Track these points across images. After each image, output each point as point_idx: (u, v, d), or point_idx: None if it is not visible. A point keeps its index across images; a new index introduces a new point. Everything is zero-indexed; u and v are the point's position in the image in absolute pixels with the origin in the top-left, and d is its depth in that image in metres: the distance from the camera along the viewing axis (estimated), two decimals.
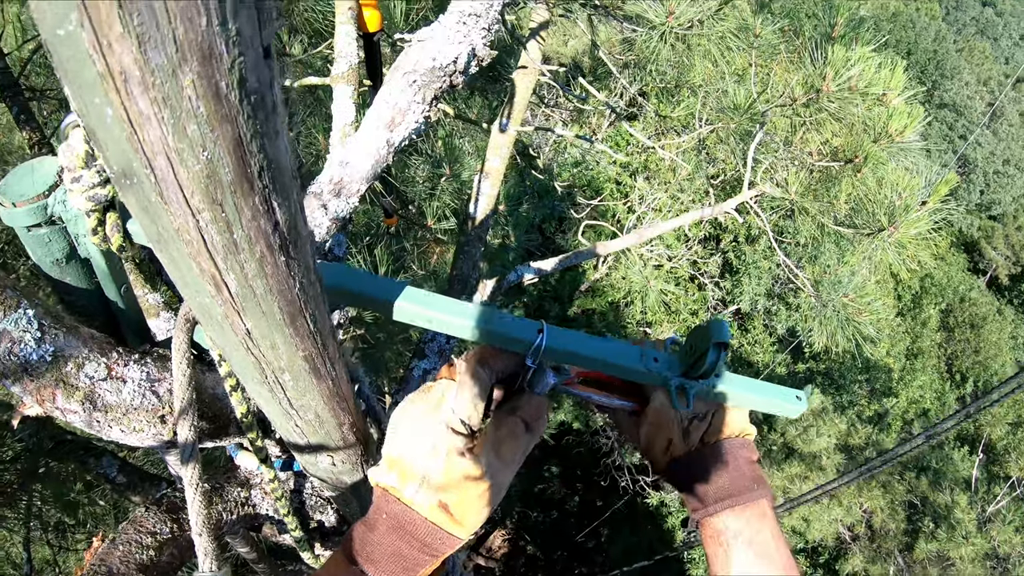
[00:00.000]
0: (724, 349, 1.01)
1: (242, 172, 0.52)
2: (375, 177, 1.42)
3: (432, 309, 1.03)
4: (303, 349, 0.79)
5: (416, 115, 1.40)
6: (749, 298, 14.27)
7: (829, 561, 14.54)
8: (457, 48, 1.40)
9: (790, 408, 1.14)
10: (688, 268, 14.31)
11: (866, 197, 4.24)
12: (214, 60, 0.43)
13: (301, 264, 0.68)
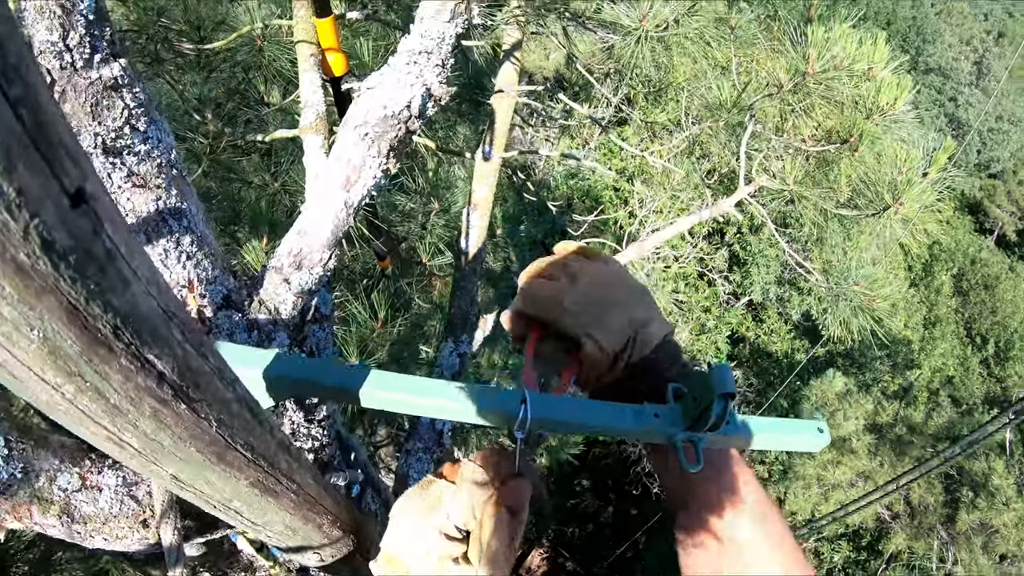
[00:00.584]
0: (730, 399, 0.93)
1: (90, 338, 0.43)
2: (337, 243, 1.33)
3: (401, 392, 0.97)
4: (246, 477, 0.69)
5: (373, 170, 1.30)
6: (760, 288, 14.14)
7: (872, 543, 14.34)
8: (409, 92, 1.30)
9: (813, 442, 1.06)
10: (695, 265, 14.21)
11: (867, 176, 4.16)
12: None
13: (212, 402, 0.58)
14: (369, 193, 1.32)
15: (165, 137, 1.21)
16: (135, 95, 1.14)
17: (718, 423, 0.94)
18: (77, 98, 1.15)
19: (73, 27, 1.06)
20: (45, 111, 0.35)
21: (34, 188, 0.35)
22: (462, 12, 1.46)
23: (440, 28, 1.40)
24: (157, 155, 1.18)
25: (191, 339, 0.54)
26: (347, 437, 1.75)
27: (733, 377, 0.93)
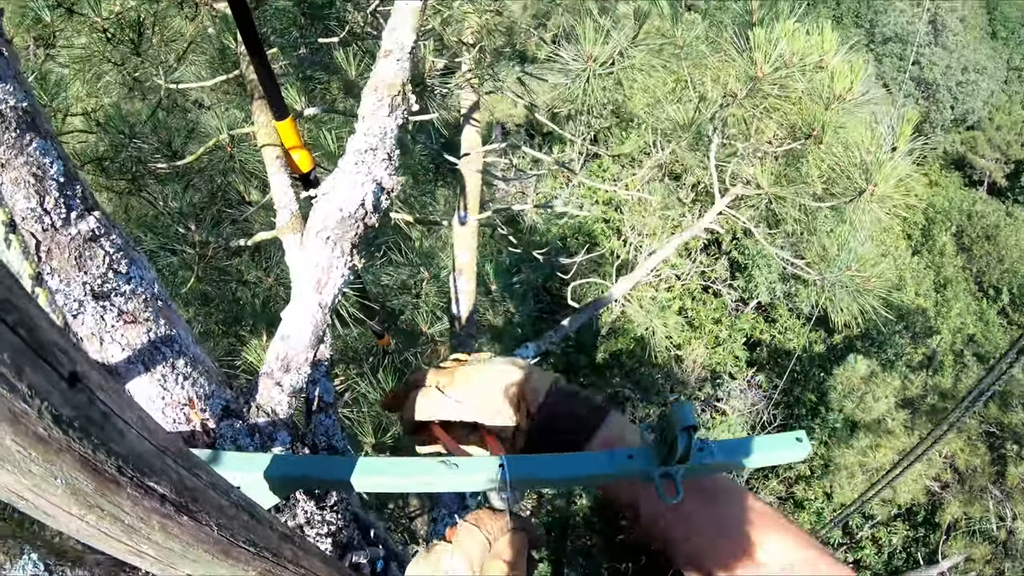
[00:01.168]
0: (693, 431, 1.01)
1: (101, 479, 0.56)
2: (319, 341, 1.42)
3: (387, 475, 1.06)
4: (254, 569, 0.80)
5: (340, 270, 1.40)
6: (765, 289, 14.20)
7: (927, 518, 14.20)
8: (361, 191, 1.41)
9: (793, 453, 1.12)
10: (698, 280, 14.30)
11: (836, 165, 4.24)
12: (22, 419, 0.48)
13: (210, 510, 0.69)
14: (340, 291, 1.42)
15: (146, 273, 1.32)
16: (112, 241, 1.26)
17: (686, 455, 1.02)
18: (62, 254, 1.26)
19: (47, 191, 1.18)
20: (37, 324, 0.48)
21: (40, 382, 0.48)
22: (400, 104, 1.57)
23: (381, 123, 1.52)
24: (141, 291, 1.29)
25: (183, 464, 0.65)
26: (364, 517, 1.83)
27: (693, 411, 1.00)
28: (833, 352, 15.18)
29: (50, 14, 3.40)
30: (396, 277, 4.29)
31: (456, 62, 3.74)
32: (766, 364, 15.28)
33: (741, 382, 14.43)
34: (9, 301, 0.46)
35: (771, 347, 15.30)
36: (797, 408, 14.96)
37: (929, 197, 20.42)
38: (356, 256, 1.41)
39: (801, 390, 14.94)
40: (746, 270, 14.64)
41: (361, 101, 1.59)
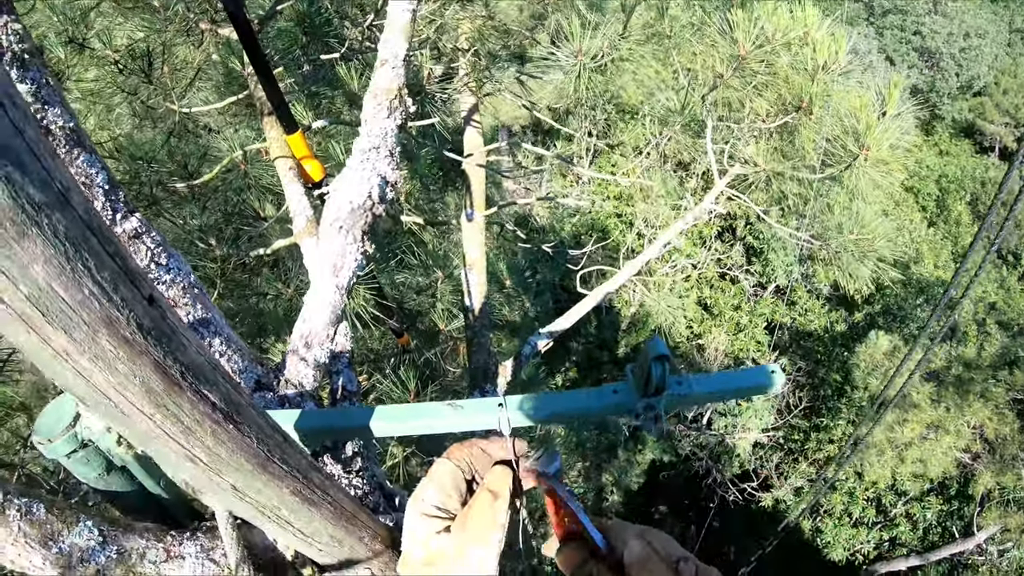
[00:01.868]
0: (665, 361, 1.10)
1: (168, 381, 0.72)
2: (338, 320, 1.59)
3: (400, 418, 1.19)
4: (287, 486, 0.95)
5: (354, 254, 1.57)
6: (783, 271, 14.21)
7: (960, 490, 14.11)
8: (368, 184, 1.58)
9: (767, 383, 1.22)
10: (714, 268, 14.35)
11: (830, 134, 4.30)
12: (115, 323, 0.65)
13: (251, 424, 0.85)
14: (355, 274, 1.59)
15: (183, 265, 1.50)
16: (153, 238, 1.44)
17: (662, 384, 1.13)
18: None
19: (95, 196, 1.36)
20: (127, 257, 0.66)
21: (129, 297, 0.65)
22: (398, 106, 1.75)
23: (381, 124, 1.69)
24: (180, 280, 1.47)
25: (230, 383, 0.82)
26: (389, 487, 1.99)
27: (664, 343, 1.11)
28: (855, 330, 15.15)
29: (63, 50, 3.57)
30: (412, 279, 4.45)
31: (453, 67, 3.90)
32: (788, 347, 15.29)
33: None
34: (109, 238, 0.62)
35: (792, 330, 15.29)
36: (823, 389, 14.95)
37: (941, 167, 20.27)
38: (367, 242, 1.58)
39: (825, 371, 14.92)
40: (762, 254, 14.67)
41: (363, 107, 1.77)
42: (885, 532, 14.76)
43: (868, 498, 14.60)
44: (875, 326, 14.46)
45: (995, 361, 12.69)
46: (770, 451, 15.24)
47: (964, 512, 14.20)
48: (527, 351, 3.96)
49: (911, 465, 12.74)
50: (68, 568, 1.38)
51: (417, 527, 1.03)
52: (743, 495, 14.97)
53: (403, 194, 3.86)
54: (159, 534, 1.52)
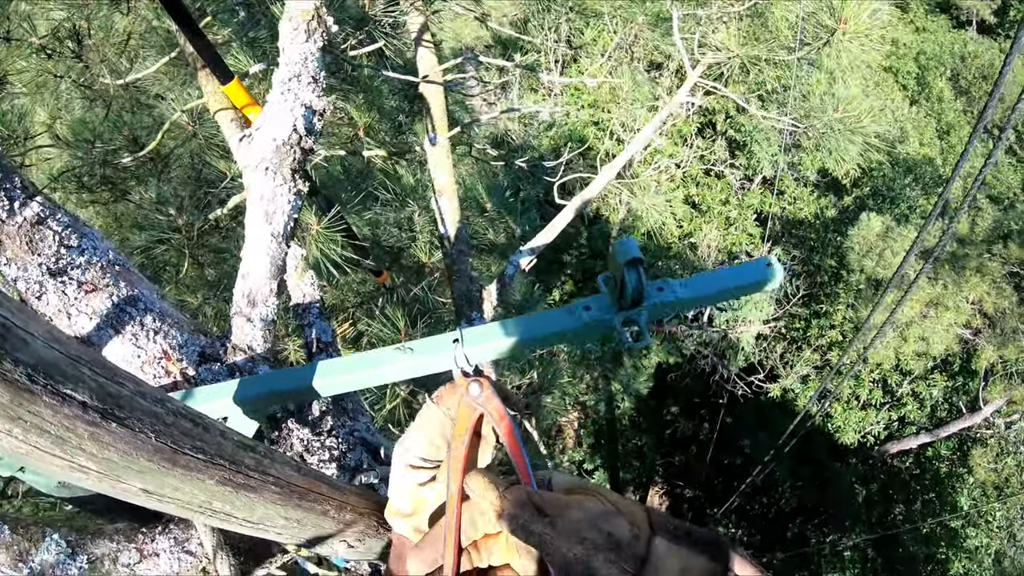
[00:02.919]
0: (639, 266, 0.96)
1: (14, 387, 0.60)
2: (281, 270, 1.46)
3: (347, 372, 1.07)
4: (210, 476, 0.83)
5: (286, 196, 1.43)
6: (768, 162, 14.01)
7: (963, 366, 14.26)
8: (291, 116, 1.43)
9: (765, 277, 1.06)
10: (698, 165, 14.15)
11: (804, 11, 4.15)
12: None
13: (143, 417, 0.71)
14: (291, 217, 1.45)
15: (100, 243, 1.36)
16: (59, 220, 1.30)
17: (638, 293, 0.97)
18: (13, 242, 1.31)
19: None
20: None
21: None
22: (316, 28, 1.57)
23: (300, 50, 1.52)
24: (96, 260, 1.34)
25: (102, 373, 0.68)
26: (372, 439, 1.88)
27: (635, 243, 0.96)
28: (846, 214, 15.04)
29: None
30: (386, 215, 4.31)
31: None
32: (781, 237, 15.20)
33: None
34: None
35: (783, 219, 15.17)
36: (819, 275, 14.93)
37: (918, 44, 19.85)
38: (299, 181, 1.43)
39: (820, 257, 14.87)
40: (745, 147, 14.42)
41: (280, 34, 1.59)
42: (893, 412, 14.95)
43: (874, 380, 14.74)
44: (866, 208, 14.35)
45: (988, 235, 12.64)
46: (773, 342, 15.31)
47: (969, 387, 14.38)
48: (510, 271, 3.84)
49: (914, 344, 12.80)
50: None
51: (402, 478, 0.97)
52: (751, 388, 15.11)
53: (361, 129, 3.67)
54: (130, 534, 1.43)
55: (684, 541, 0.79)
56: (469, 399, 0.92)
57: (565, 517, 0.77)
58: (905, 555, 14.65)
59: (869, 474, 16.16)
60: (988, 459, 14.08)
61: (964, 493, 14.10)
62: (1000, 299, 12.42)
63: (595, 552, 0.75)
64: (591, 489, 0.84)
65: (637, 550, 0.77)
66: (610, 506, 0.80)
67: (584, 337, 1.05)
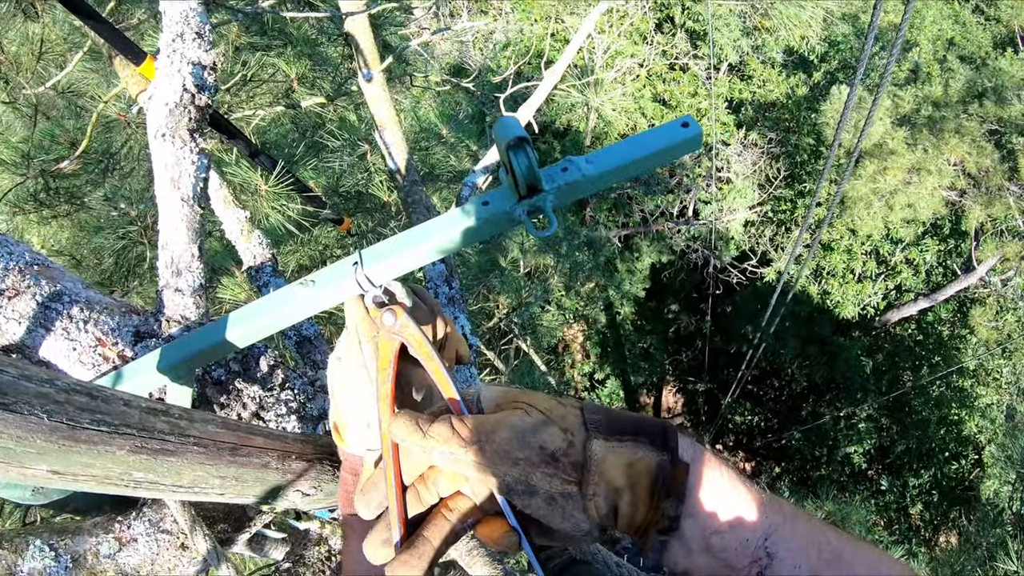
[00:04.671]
0: (524, 145, 0.88)
1: None
2: (201, 232, 1.45)
3: (261, 316, 1.05)
4: (119, 447, 0.83)
5: (188, 158, 1.41)
6: (732, 48, 13.78)
7: (953, 228, 14.32)
8: (179, 77, 1.40)
9: (684, 138, 0.96)
10: (661, 61, 13.92)
11: None
12: None
13: (30, 400, 0.72)
14: (199, 179, 1.44)
15: (14, 248, 1.35)
16: None
17: (531, 176, 0.90)
18: None
19: None
20: None
21: None
22: None
23: (179, 7, 1.48)
24: (13, 264, 1.33)
25: None
26: None
27: (516, 122, 0.88)
28: (817, 91, 14.86)
29: None
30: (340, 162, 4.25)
31: None
32: (755, 121, 15.07)
33: (736, 146, 14.26)
34: None
35: (755, 103, 15.01)
36: (798, 155, 14.85)
37: None
38: (199, 139, 1.41)
39: (797, 136, 14.77)
40: (706, 36, 14.17)
41: None
42: (889, 281, 15.08)
43: (866, 252, 14.82)
44: (836, 82, 14.16)
45: (963, 96, 12.48)
46: (761, 227, 15.34)
47: (961, 249, 14.47)
48: (465, 193, 3.79)
49: (901, 212, 12.79)
50: None
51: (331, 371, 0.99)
52: (745, 275, 15.20)
53: (294, 80, 3.60)
54: (107, 525, 1.46)
55: (623, 435, 0.78)
56: (385, 331, 0.89)
57: (493, 440, 0.75)
58: (918, 419, 14.94)
59: (873, 345, 16.38)
60: (988, 317, 14.22)
61: (969, 353, 14.31)
62: (981, 158, 12.33)
63: (531, 469, 0.75)
64: (519, 400, 0.81)
65: (574, 457, 0.76)
66: (539, 416, 0.78)
67: (490, 233, 0.98)
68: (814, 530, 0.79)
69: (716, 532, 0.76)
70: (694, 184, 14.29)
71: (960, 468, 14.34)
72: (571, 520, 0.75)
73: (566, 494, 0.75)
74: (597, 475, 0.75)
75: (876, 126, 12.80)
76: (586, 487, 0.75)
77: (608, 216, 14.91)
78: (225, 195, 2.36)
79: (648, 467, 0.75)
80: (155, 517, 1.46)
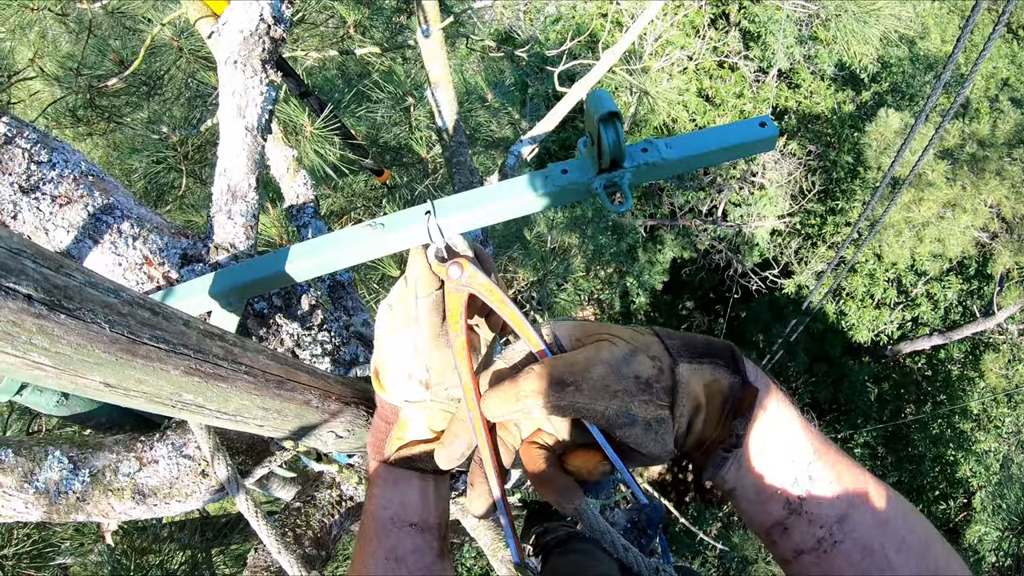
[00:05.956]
0: (615, 120, 0.89)
1: None
2: (259, 164, 1.44)
3: (318, 254, 1.04)
4: (175, 366, 0.83)
5: (258, 88, 1.40)
6: (784, 54, 13.60)
7: (979, 270, 14.17)
8: (257, 7, 1.38)
9: (760, 137, 0.99)
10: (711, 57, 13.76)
11: None
12: None
13: (95, 308, 0.71)
14: (265, 109, 1.43)
15: (71, 156, 1.35)
16: (27, 137, 1.29)
17: (617, 151, 0.91)
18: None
19: None
20: None
21: None
22: None
23: None
24: (68, 172, 1.33)
25: (46, 264, 0.68)
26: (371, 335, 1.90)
27: (609, 96, 0.89)
28: (863, 110, 14.66)
29: None
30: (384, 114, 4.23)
31: None
32: (797, 131, 14.89)
33: (774, 153, 14.12)
34: None
35: (799, 113, 14.82)
36: (835, 171, 14.69)
37: None
38: (269, 71, 1.40)
39: (836, 153, 14.60)
40: (760, 38, 13.97)
41: None
42: (907, 312, 14.96)
43: (889, 279, 14.70)
44: (884, 104, 13.95)
45: (1010, 139, 12.29)
46: (788, 238, 15.23)
47: (984, 292, 14.33)
48: (511, 161, 3.77)
49: (929, 244, 12.66)
50: (50, 504, 1.35)
51: (380, 317, 0.98)
52: (765, 283, 15.12)
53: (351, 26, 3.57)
54: (129, 444, 1.48)
55: (702, 358, 0.82)
56: (452, 284, 0.89)
57: (589, 378, 0.77)
58: (914, 454, 14.89)
59: (881, 373, 16.31)
60: (1000, 364, 14.16)
61: (974, 397, 14.22)
62: (1019, 204, 12.16)
63: (630, 400, 0.77)
64: (600, 334, 0.83)
65: (665, 383, 0.79)
66: (626, 346, 0.80)
67: (563, 201, 0.99)
68: (853, 467, 0.85)
69: (769, 452, 0.81)
70: (727, 185, 14.18)
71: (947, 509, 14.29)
72: (662, 442, 0.78)
73: (660, 419, 0.78)
74: (685, 396, 0.78)
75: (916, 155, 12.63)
76: (676, 408, 0.78)
77: (637, 204, 14.84)
78: (276, 132, 2.35)
79: (722, 388, 0.80)
80: (179, 441, 1.48)
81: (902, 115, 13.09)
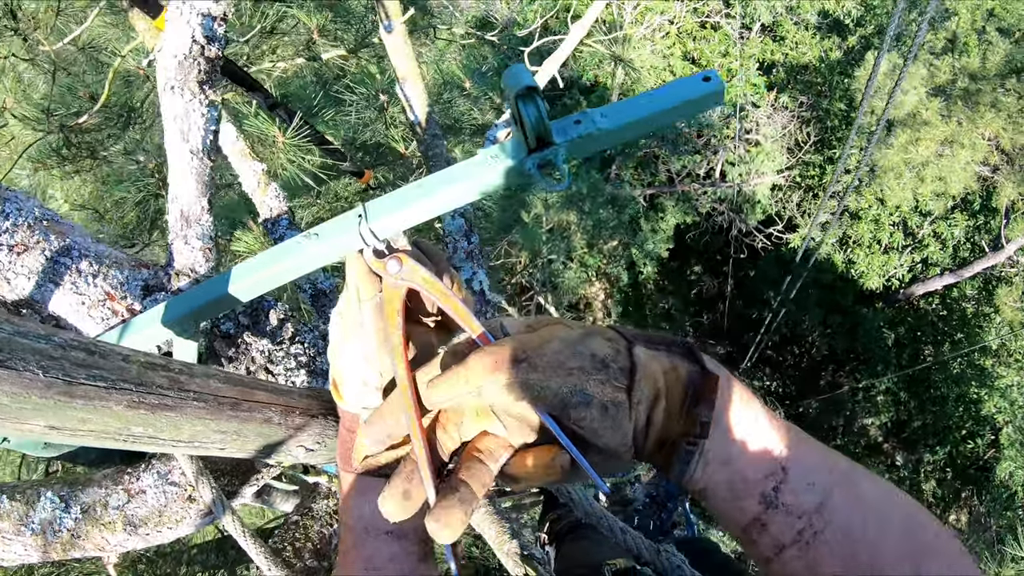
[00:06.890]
0: (533, 95, 0.83)
1: None
2: (211, 185, 1.45)
3: (260, 270, 1.04)
4: (116, 402, 0.83)
5: (198, 110, 1.41)
6: (766, 8, 13.47)
7: (984, 204, 14.06)
8: (188, 29, 1.38)
9: (704, 93, 0.91)
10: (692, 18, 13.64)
11: None
12: None
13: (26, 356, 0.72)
14: (208, 131, 1.43)
15: (24, 203, 1.36)
16: None
17: (541, 127, 0.86)
18: None
19: None
20: None
21: None
22: None
23: None
24: (22, 220, 1.34)
25: None
26: None
27: (524, 69, 0.84)
28: (851, 55, 14.52)
29: None
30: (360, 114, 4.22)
31: None
32: (787, 84, 14.77)
33: (766, 108, 14.01)
34: None
35: (787, 66, 14.69)
36: (828, 120, 14.58)
37: None
38: (209, 92, 1.40)
39: (828, 101, 14.48)
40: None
41: None
42: (916, 254, 14.86)
43: (894, 223, 14.59)
44: (871, 47, 13.81)
45: (1001, 69, 12.14)
46: (789, 191, 15.15)
47: (991, 226, 14.20)
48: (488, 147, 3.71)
49: (931, 184, 12.55)
50: (46, 544, 1.37)
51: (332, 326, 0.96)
52: (771, 240, 15.05)
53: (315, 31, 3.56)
54: (116, 476, 1.50)
55: (659, 346, 0.81)
56: (390, 279, 0.87)
57: (544, 354, 0.76)
58: (937, 395, 14.84)
59: (896, 317, 16.23)
60: (1014, 297, 14.05)
61: (992, 332, 14.13)
62: (1017, 134, 12.03)
63: (586, 377, 0.75)
64: (551, 319, 0.83)
65: (621, 363, 0.77)
66: (580, 329, 0.80)
67: (501, 186, 0.95)
68: (825, 452, 0.82)
69: (736, 444, 0.78)
70: (722, 145, 14.10)
71: (976, 447, 14.25)
72: (620, 430, 0.76)
73: (616, 402, 0.76)
74: (643, 379, 0.77)
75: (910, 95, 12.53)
76: (633, 392, 0.76)
77: (634, 174, 14.77)
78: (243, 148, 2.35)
79: (680, 376, 0.79)
80: (163, 469, 1.49)
81: (890, 56, 12.95)
